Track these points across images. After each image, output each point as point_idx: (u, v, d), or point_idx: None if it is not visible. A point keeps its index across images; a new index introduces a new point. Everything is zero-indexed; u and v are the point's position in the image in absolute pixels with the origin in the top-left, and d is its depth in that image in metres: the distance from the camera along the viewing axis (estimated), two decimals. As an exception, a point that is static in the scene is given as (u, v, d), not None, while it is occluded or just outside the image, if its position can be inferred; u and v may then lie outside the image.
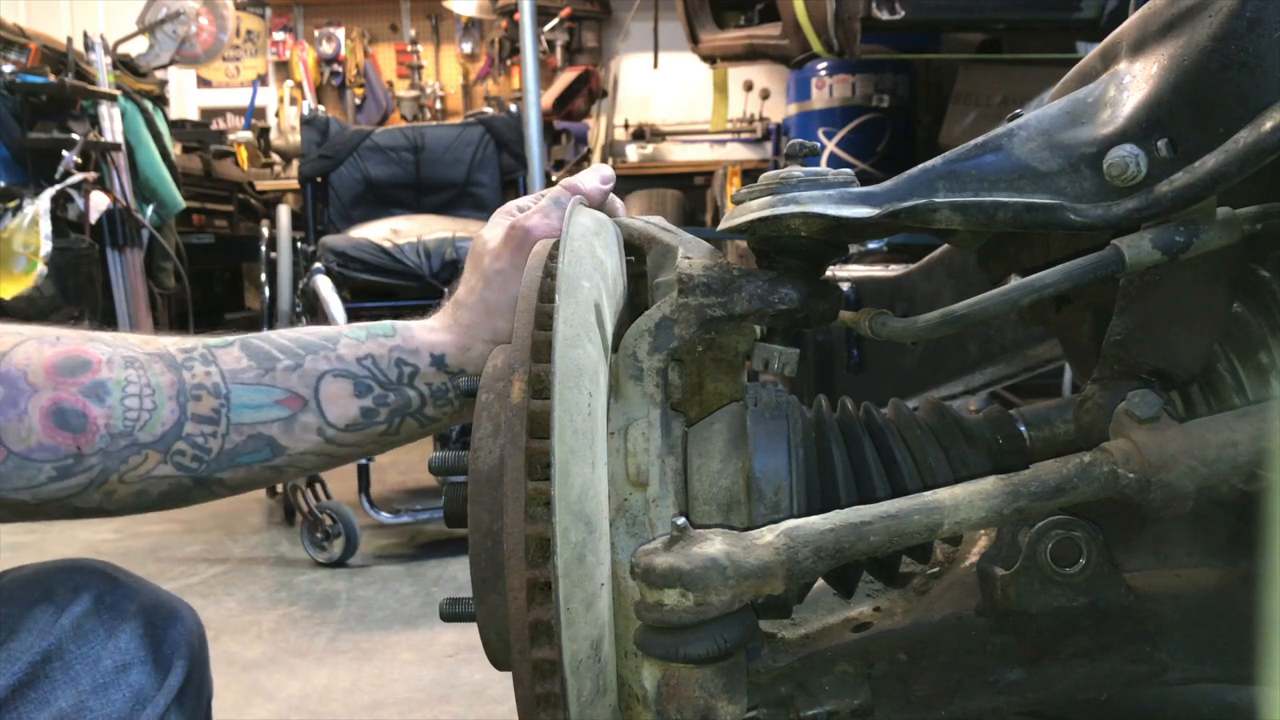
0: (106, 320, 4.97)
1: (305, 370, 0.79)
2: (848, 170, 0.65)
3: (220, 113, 7.95)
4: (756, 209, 0.64)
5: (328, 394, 0.79)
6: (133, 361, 0.74)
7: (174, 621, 0.83)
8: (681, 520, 0.58)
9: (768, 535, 0.58)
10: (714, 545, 0.57)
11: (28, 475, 0.71)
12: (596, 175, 0.85)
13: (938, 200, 0.60)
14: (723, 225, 0.68)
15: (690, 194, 5.89)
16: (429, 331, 0.83)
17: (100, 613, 0.80)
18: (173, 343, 0.78)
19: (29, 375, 0.71)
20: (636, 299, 0.77)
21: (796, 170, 0.65)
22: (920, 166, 0.62)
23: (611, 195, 0.87)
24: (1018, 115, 0.64)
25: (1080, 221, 0.58)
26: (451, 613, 0.70)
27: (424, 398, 0.81)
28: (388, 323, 0.83)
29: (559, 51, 6.94)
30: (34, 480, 0.72)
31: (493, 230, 0.84)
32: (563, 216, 0.78)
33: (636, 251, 0.77)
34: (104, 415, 0.72)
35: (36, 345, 0.72)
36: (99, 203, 4.57)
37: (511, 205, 0.86)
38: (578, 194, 0.82)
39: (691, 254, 0.69)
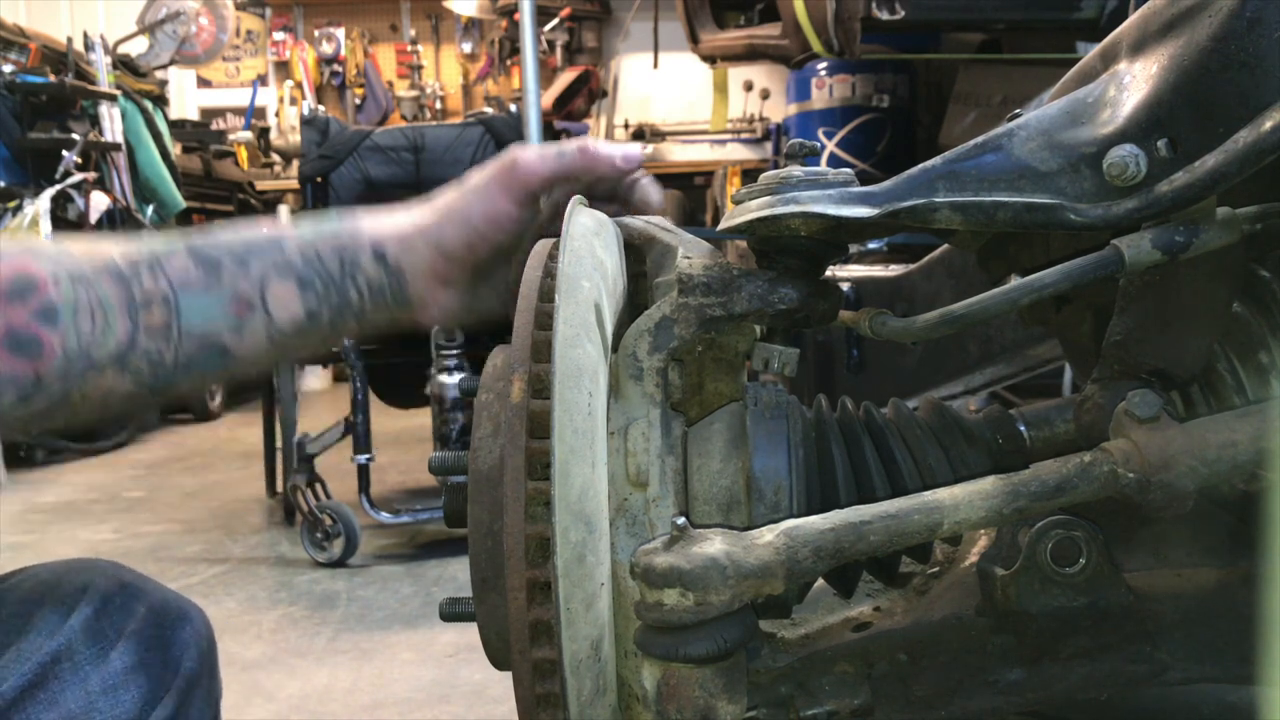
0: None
1: (252, 273, 0.77)
2: (848, 170, 0.65)
3: (220, 113, 7.95)
4: (756, 209, 0.64)
5: (274, 295, 0.77)
6: (80, 278, 0.72)
7: (183, 623, 0.83)
8: (681, 520, 0.58)
9: (768, 535, 0.58)
10: (714, 545, 0.57)
11: None
12: (620, 150, 0.83)
13: (938, 200, 0.60)
14: (723, 225, 0.68)
15: (690, 194, 5.90)
16: (374, 222, 0.81)
17: (110, 613, 0.80)
18: (118, 252, 0.76)
19: None
20: (636, 299, 0.77)
21: (796, 170, 0.65)
22: (920, 166, 0.62)
23: (640, 176, 0.84)
24: (1018, 115, 0.64)
25: (1080, 221, 0.58)
26: (451, 613, 0.70)
27: (362, 296, 0.80)
28: (336, 218, 0.82)
29: (559, 51, 6.94)
30: None
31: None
32: (554, 164, 0.78)
33: (636, 251, 0.77)
34: (58, 338, 0.71)
35: None
36: (99, 203, 4.57)
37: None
38: (590, 156, 0.80)
39: (691, 254, 0.69)
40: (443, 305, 0.82)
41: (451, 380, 2.89)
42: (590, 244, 0.66)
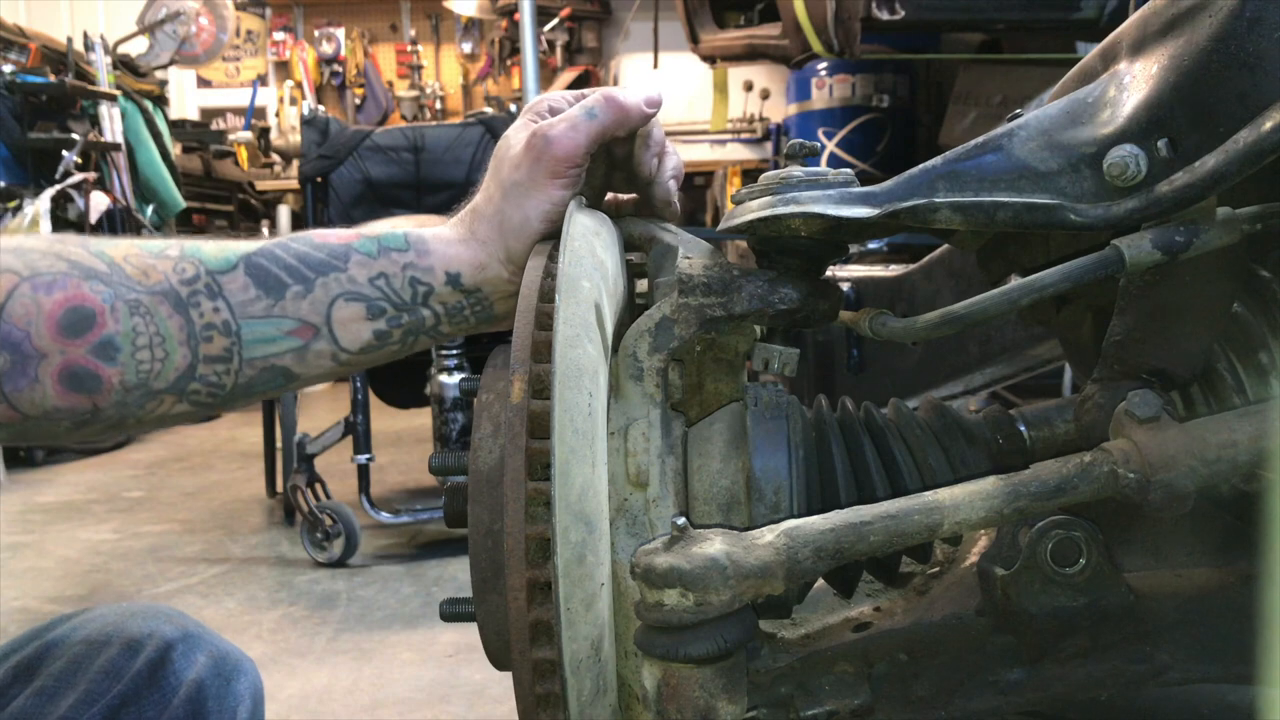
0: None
1: (315, 297, 0.76)
2: (848, 170, 0.65)
3: (220, 113, 7.96)
4: (756, 209, 0.64)
5: (340, 319, 0.76)
6: (137, 307, 0.72)
7: (239, 674, 0.86)
8: (681, 520, 0.58)
9: (768, 535, 0.58)
10: (714, 545, 0.57)
11: (47, 430, 0.72)
12: (642, 94, 0.78)
13: (938, 200, 0.60)
14: (723, 225, 0.68)
15: (690, 194, 5.89)
16: (444, 245, 0.78)
17: (173, 660, 0.82)
18: (173, 270, 0.74)
19: (33, 338, 0.69)
20: (636, 299, 0.77)
21: (796, 170, 0.65)
22: (920, 166, 0.62)
23: (656, 121, 0.80)
24: (1018, 115, 0.64)
25: (1080, 221, 0.58)
26: (451, 613, 0.70)
27: (438, 316, 0.78)
28: (400, 233, 0.79)
29: (559, 51, 6.95)
30: (54, 433, 0.72)
31: (517, 134, 0.78)
32: (590, 131, 0.74)
33: (636, 251, 0.77)
34: (117, 373, 0.71)
35: (31, 292, 0.70)
36: (99, 203, 4.57)
37: (544, 103, 0.80)
38: (620, 107, 0.76)
39: (691, 254, 0.69)
40: None
41: (451, 380, 2.89)
42: (590, 244, 0.66)
